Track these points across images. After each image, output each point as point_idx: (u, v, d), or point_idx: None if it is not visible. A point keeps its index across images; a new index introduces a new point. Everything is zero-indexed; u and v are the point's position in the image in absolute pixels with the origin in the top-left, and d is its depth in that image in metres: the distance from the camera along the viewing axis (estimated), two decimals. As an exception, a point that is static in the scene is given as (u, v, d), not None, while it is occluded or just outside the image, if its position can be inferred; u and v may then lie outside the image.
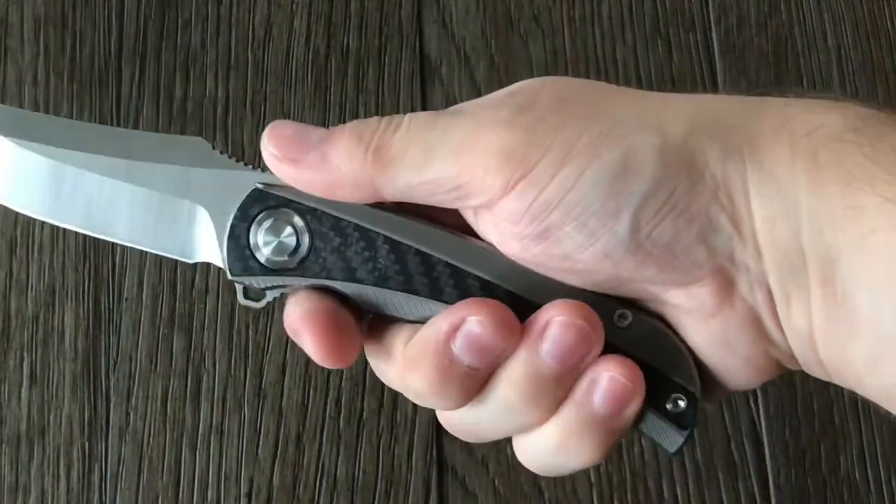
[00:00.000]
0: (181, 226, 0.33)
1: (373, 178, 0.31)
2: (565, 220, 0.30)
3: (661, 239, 0.30)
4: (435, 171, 0.31)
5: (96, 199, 0.33)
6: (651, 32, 0.71)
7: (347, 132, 0.32)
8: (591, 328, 0.31)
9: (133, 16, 0.69)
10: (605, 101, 0.32)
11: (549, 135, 0.30)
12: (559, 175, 0.30)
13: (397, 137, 0.31)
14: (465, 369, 0.31)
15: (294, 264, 0.32)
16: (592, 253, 0.30)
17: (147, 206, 0.33)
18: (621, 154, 0.30)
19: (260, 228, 0.32)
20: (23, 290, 0.65)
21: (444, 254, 0.32)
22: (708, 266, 0.30)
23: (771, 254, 0.30)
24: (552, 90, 0.32)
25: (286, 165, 0.32)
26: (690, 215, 0.30)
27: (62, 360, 0.63)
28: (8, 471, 0.62)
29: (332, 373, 0.64)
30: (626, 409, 0.31)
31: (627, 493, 0.62)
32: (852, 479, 0.63)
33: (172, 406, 0.63)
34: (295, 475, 0.62)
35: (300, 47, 0.69)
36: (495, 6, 0.71)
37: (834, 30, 0.71)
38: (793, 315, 0.30)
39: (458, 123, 0.32)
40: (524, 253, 0.31)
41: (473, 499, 0.62)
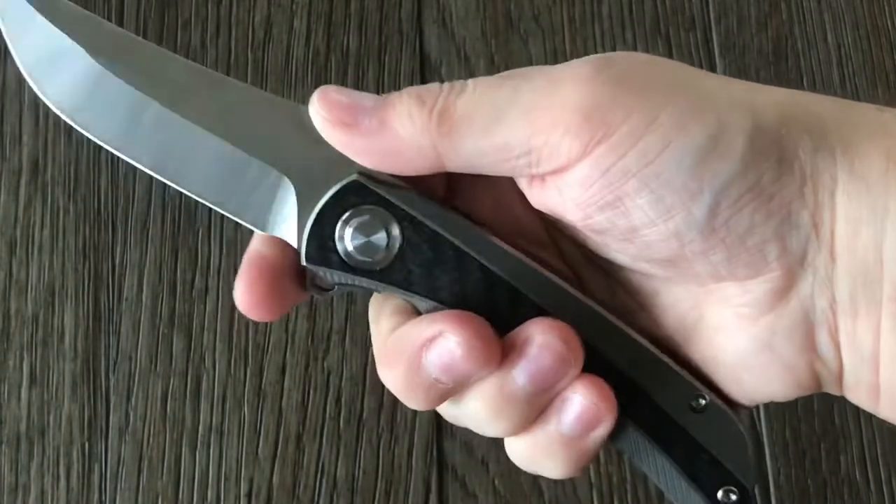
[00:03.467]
0: (261, 194, 0.30)
1: (436, 143, 0.29)
2: (641, 191, 0.28)
3: (736, 228, 0.28)
4: (505, 133, 0.28)
5: (175, 143, 0.30)
6: (651, 32, 0.71)
7: (406, 97, 0.29)
8: (571, 352, 0.29)
9: (133, 16, 0.69)
10: (691, 77, 0.30)
11: (634, 97, 0.28)
12: (641, 142, 0.28)
13: (463, 100, 0.29)
14: (431, 381, 0.30)
15: (377, 267, 0.30)
16: (662, 230, 0.28)
17: (229, 164, 0.30)
18: (711, 131, 0.28)
19: (350, 222, 0.30)
20: (23, 290, 0.65)
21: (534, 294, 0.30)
22: (776, 264, 0.29)
23: (847, 260, 0.28)
24: (635, 58, 0.30)
25: (339, 130, 0.29)
26: (771, 207, 0.28)
27: (62, 360, 0.63)
28: (8, 471, 0.62)
29: (332, 373, 0.64)
30: (594, 431, 0.30)
31: (627, 493, 0.62)
32: (852, 479, 0.63)
33: (172, 406, 0.63)
34: (295, 475, 0.62)
35: (300, 47, 0.69)
36: (495, 6, 0.70)
37: (834, 29, 0.71)
38: (858, 331, 0.29)
39: (530, 82, 0.29)
40: (586, 220, 0.29)
41: (473, 499, 0.62)
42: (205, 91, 0.31)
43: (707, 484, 0.31)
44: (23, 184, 0.66)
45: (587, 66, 0.29)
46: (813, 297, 0.29)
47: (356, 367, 0.63)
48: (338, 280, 0.31)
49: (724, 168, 0.28)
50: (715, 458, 0.31)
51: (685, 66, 0.30)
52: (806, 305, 0.29)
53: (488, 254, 0.30)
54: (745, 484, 0.31)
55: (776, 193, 0.28)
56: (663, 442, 0.31)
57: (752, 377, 0.31)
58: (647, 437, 0.31)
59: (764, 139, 0.28)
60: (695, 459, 0.31)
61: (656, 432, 0.31)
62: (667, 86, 0.28)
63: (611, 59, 0.29)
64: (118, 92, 0.31)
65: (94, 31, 0.31)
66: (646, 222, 0.28)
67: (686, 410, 0.31)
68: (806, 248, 0.29)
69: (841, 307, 0.29)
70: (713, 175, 0.28)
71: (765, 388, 0.31)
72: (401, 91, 0.30)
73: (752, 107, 0.28)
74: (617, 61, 0.29)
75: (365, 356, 0.64)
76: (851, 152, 0.28)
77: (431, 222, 0.30)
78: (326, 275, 0.30)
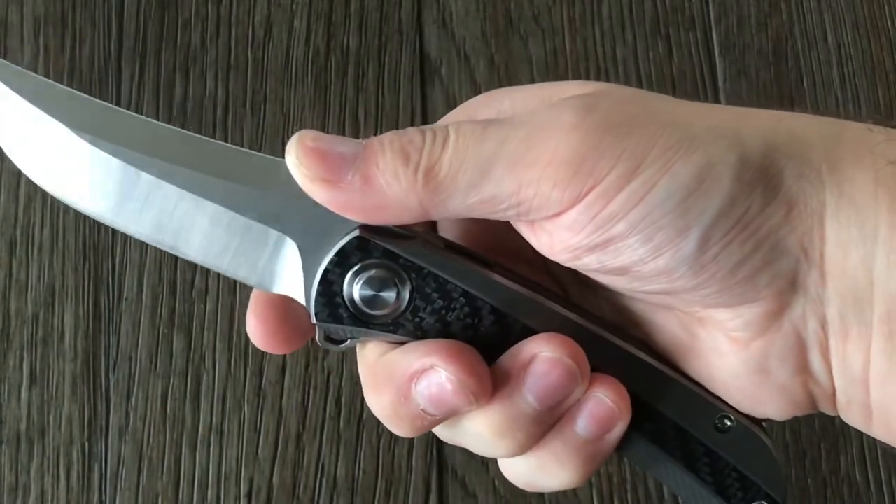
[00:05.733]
0: (264, 255, 0.30)
1: (423, 200, 0.28)
2: (629, 232, 0.28)
3: (726, 261, 0.28)
4: (491, 188, 0.28)
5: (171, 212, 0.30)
6: (651, 32, 0.71)
7: (389, 149, 0.29)
8: (579, 367, 0.29)
9: (133, 16, 0.69)
10: (672, 111, 0.29)
11: (620, 143, 0.28)
12: (628, 187, 0.28)
13: (448, 155, 0.28)
14: (419, 412, 0.29)
15: (388, 320, 0.30)
16: (651, 268, 0.28)
17: (229, 228, 0.30)
18: (696, 168, 0.28)
19: (357, 278, 0.29)
20: (23, 290, 0.65)
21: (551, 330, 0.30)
22: (766, 290, 0.28)
23: (837, 281, 0.28)
24: (614, 94, 0.30)
25: (320, 187, 0.29)
26: (759, 238, 0.28)
27: (62, 360, 0.63)
28: (8, 471, 0.62)
29: (332, 373, 0.64)
30: (610, 432, 0.30)
31: (627, 493, 0.62)
32: (852, 479, 0.63)
33: (172, 406, 0.63)
34: (295, 475, 0.62)
35: (300, 47, 0.69)
36: (495, 6, 0.70)
37: (834, 29, 0.71)
38: (848, 351, 0.28)
39: (513, 133, 0.28)
40: (574, 261, 0.29)
41: (473, 499, 0.62)
42: (194, 156, 0.30)
43: (739, 501, 0.31)
44: (23, 184, 0.66)
45: (570, 114, 0.28)
46: (805, 318, 0.29)
47: (356, 367, 0.63)
48: (351, 336, 0.30)
49: (711, 204, 0.28)
50: (744, 474, 0.31)
51: (666, 99, 0.30)
52: (798, 327, 0.29)
53: (498, 294, 0.30)
54: (776, 499, 0.31)
55: (764, 223, 0.28)
56: (687, 460, 0.31)
57: (746, 398, 0.30)
58: (671, 456, 0.31)
59: (750, 171, 0.28)
60: (723, 477, 0.31)
61: (680, 451, 0.31)
62: (650, 124, 0.28)
63: (593, 103, 0.29)
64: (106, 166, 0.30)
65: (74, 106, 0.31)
66: (635, 260, 0.28)
67: (710, 430, 0.30)
68: (796, 270, 0.28)
69: (832, 328, 0.29)
70: (700, 212, 0.28)
71: (760, 408, 0.31)
72: (381, 140, 0.29)
73: (737, 138, 0.28)
74: (599, 103, 0.29)
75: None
76: (839, 175, 0.28)
77: (439, 270, 0.30)
78: (339, 331, 0.30)
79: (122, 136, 0.30)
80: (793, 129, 0.29)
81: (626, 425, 0.30)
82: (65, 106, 0.31)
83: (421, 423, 0.30)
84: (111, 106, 0.31)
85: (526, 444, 0.30)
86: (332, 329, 0.30)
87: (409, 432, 0.30)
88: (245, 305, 0.64)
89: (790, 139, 0.29)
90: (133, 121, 0.31)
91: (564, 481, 0.30)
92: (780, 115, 0.30)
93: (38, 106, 0.31)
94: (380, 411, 0.30)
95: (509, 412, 0.29)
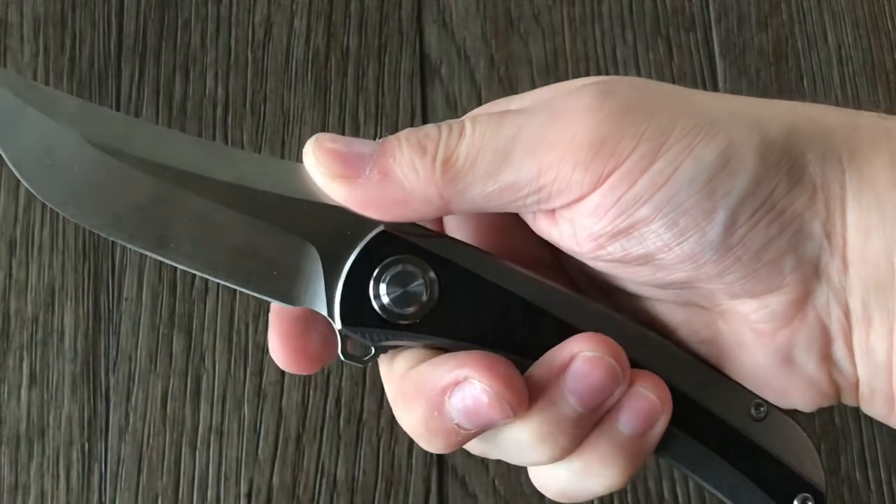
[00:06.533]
0: (282, 265, 0.29)
1: (442, 191, 0.28)
2: (653, 216, 0.27)
3: (752, 244, 0.28)
4: (511, 174, 0.28)
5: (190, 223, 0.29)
6: (651, 32, 0.71)
7: (405, 143, 0.28)
8: (620, 365, 0.28)
9: (133, 16, 0.69)
10: (689, 96, 0.29)
11: (640, 124, 0.27)
12: (652, 169, 0.27)
13: (465, 144, 0.28)
14: (453, 426, 0.29)
15: (417, 318, 0.29)
16: (676, 253, 0.28)
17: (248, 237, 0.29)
18: (719, 149, 0.27)
19: (384, 276, 0.29)
20: (22, 290, 0.64)
21: (583, 324, 0.29)
22: (791, 277, 0.28)
23: (859, 267, 0.28)
24: (629, 82, 0.30)
25: (338, 184, 0.28)
26: (785, 220, 0.28)
27: (62, 360, 0.63)
28: (8, 471, 0.62)
29: (332, 373, 0.64)
30: (653, 428, 0.29)
31: (627, 493, 0.62)
32: (852, 479, 0.63)
33: (172, 406, 0.63)
34: (295, 475, 0.62)
35: (300, 47, 0.69)
36: (495, 6, 0.70)
37: (834, 29, 0.71)
38: (871, 339, 0.28)
39: (531, 119, 0.28)
40: (598, 251, 0.29)
41: (473, 499, 0.62)
42: (210, 165, 0.29)
43: (781, 493, 0.30)
44: (23, 184, 0.66)
45: (588, 97, 0.28)
46: (828, 306, 0.28)
47: (356, 367, 0.63)
48: (375, 340, 0.29)
49: (737, 185, 0.27)
50: (785, 465, 0.30)
51: (681, 88, 0.30)
52: (822, 316, 0.29)
53: (528, 287, 0.29)
54: (819, 489, 0.30)
55: (789, 206, 0.28)
56: (728, 454, 0.30)
57: (772, 390, 0.30)
58: (710, 450, 0.30)
59: (773, 152, 0.28)
60: (764, 469, 0.30)
61: (718, 444, 0.30)
62: (670, 108, 0.28)
63: (610, 87, 0.29)
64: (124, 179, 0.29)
65: (89, 118, 0.30)
66: (660, 246, 0.28)
67: (746, 419, 0.30)
68: (819, 256, 0.28)
69: (854, 316, 0.28)
70: (725, 193, 0.27)
71: (786, 400, 0.30)
72: (398, 136, 0.29)
73: (758, 121, 0.28)
74: (617, 88, 0.29)
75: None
76: (859, 159, 0.28)
77: (467, 264, 0.29)
78: (366, 337, 0.29)
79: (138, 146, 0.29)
80: (812, 115, 0.29)
81: (668, 419, 0.29)
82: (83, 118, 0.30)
83: (455, 437, 0.29)
84: (120, 114, 0.30)
85: (568, 447, 0.29)
86: (357, 337, 0.29)
87: (443, 448, 0.29)
88: (245, 305, 0.64)
89: (810, 123, 0.29)
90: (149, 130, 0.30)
91: (608, 483, 0.30)
92: (795, 104, 0.30)
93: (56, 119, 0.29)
94: (411, 427, 0.29)
95: (550, 417, 0.29)
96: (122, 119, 0.30)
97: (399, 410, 0.30)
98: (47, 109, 0.30)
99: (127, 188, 0.29)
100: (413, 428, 0.29)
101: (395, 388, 0.30)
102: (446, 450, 0.29)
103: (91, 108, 0.30)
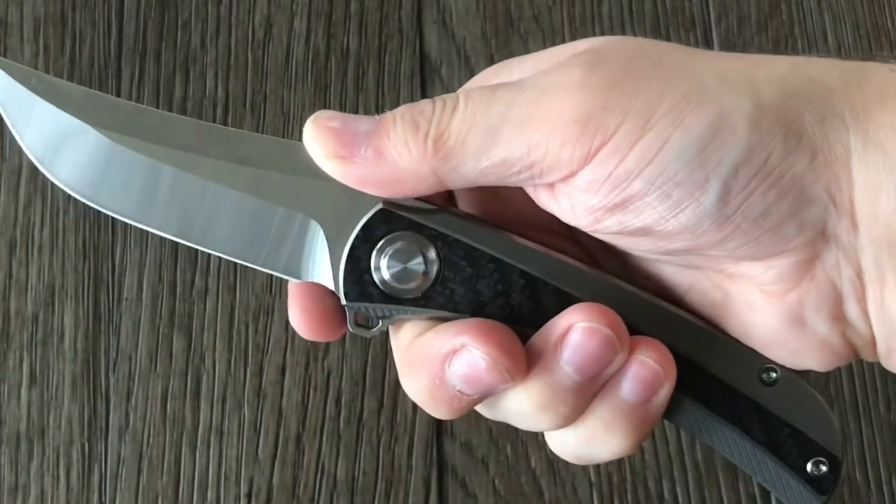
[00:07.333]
0: (289, 241, 0.30)
1: (435, 169, 0.28)
2: (647, 190, 0.27)
3: (750, 212, 0.28)
4: (502, 151, 0.28)
5: (196, 205, 0.30)
6: (651, 32, 0.71)
7: (400, 121, 0.29)
8: (616, 335, 0.29)
9: (133, 16, 0.69)
10: (682, 61, 0.29)
11: (627, 98, 0.27)
12: (640, 143, 0.27)
13: (456, 121, 0.28)
14: (455, 393, 0.29)
15: (419, 293, 0.30)
16: (674, 225, 0.28)
17: (253, 216, 0.30)
18: (709, 119, 0.27)
19: (384, 252, 0.29)
20: (22, 290, 0.64)
21: (583, 293, 0.30)
22: (796, 241, 0.28)
23: (869, 228, 0.28)
24: (621, 49, 0.29)
25: (335, 163, 0.29)
26: (783, 186, 0.27)
27: (62, 360, 0.63)
28: (8, 471, 0.62)
29: (332, 373, 0.64)
30: (656, 394, 0.29)
31: (627, 493, 0.62)
32: (852, 479, 0.63)
33: (172, 406, 0.63)
34: (295, 475, 0.62)
35: (300, 47, 0.69)
36: (495, 6, 0.70)
37: (834, 29, 0.71)
38: (886, 298, 0.28)
39: (521, 95, 0.28)
40: (596, 224, 0.29)
41: (473, 499, 0.62)
42: (215, 147, 0.30)
43: (794, 458, 0.30)
44: (23, 184, 0.66)
45: (576, 71, 0.28)
46: (839, 267, 0.28)
47: (356, 367, 0.63)
48: (380, 314, 0.30)
49: (729, 154, 0.27)
50: (797, 430, 0.30)
51: (676, 48, 0.30)
52: (832, 276, 0.28)
53: (527, 258, 0.30)
54: (833, 453, 0.30)
55: (786, 171, 0.27)
56: (737, 419, 0.30)
57: (785, 351, 0.30)
58: (720, 417, 0.30)
59: (766, 118, 0.27)
60: (776, 434, 0.30)
61: (728, 410, 0.30)
62: (659, 77, 0.28)
63: (598, 59, 0.28)
64: (131, 163, 0.30)
65: (97, 107, 0.31)
66: (657, 219, 0.28)
67: (757, 384, 0.30)
68: (825, 219, 0.28)
69: (867, 275, 0.28)
70: (717, 163, 0.27)
71: (800, 361, 0.30)
72: (394, 113, 0.29)
73: (751, 85, 0.28)
74: (605, 60, 0.28)
75: (365, 356, 0.64)
76: (864, 119, 0.27)
77: (466, 238, 0.30)
78: (369, 310, 0.30)
79: (145, 132, 0.30)
80: (811, 74, 0.28)
81: (672, 386, 0.29)
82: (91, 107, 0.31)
83: (458, 404, 0.30)
84: (121, 100, 0.32)
85: (570, 416, 0.29)
86: (363, 311, 0.30)
87: (448, 414, 0.30)
88: (245, 305, 0.64)
89: (809, 83, 0.28)
90: (154, 116, 0.31)
91: (615, 449, 0.30)
92: (795, 61, 0.29)
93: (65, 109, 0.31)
94: (416, 394, 0.30)
95: (549, 386, 0.29)
96: (129, 106, 0.31)
97: (404, 378, 0.30)
98: (59, 100, 0.31)
99: (137, 173, 0.30)
100: (418, 395, 0.30)
101: (401, 357, 0.31)
102: (452, 416, 0.30)
103: (94, 95, 0.31)
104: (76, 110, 0.31)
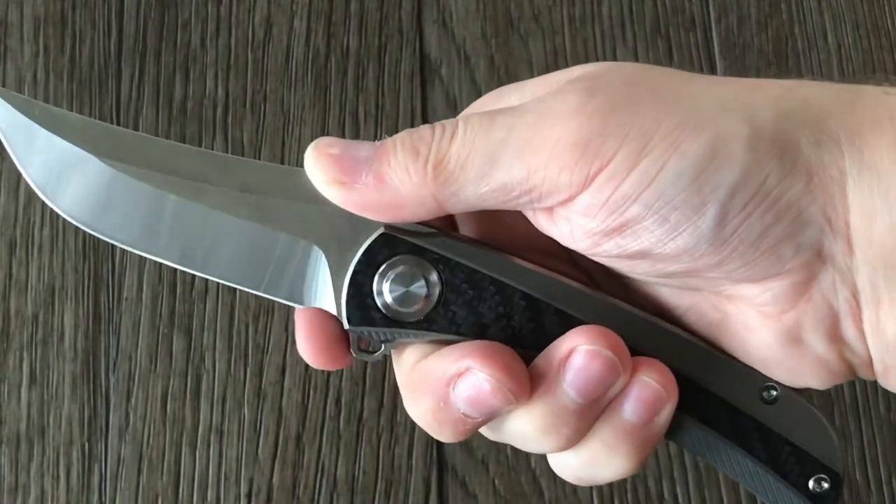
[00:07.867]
0: (292, 267, 0.30)
1: (435, 193, 0.29)
2: (645, 214, 0.28)
3: (748, 235, 0.28)
4: (501, 176, 0.28)
5: (199, 232, 0.30)
6: (651, 32, 0.71)
7: (400, 148, 0.29)
8: (619, 357, 0.29)
9: (133, 16, 0.69)
10: (678, 86, 0.29)
11: (625, 123, 0.28)
12: (638, 168, 0.28)
13: (455, 146, 0.29)
14: (459, 416, 0.29)
15: (421, 316, 0.30)
16: (672, 248, 0.28)
17: (256, 243, 0.30)
18: (705, 144, 0.27)
19: (386, 276, 0.30)
20: (22, 290, 0.65)
21: (584, 314, 0.30)
22: (792, 262, 0.28)
23: (865, 250, 0.28)
24: (618, 75, 0.30)
25: (336, 189, 0.29)
26: (780, 208, 0.28)
27: (62, 360, 0.63)
28: (8, 471, 0.62)
29: (332, 373, 0.64)
30: (658, 415, 0.29)
31: (627, 493, 0.62)
32: (852, 479, 0.63)
33: (172, 406, 0.63)
34: (295, 475, 0.62)
35: (300, 47, 0.69)
36: (495, 6, 0.70)
37: (834, 29, 0.71)
38: (881, 319, 0.28)
39: (520, 120, 0.29)
40: (594, 248, 0.29)
41: (473, 499, 0.62)
42: (216, 175, 0.31)
43: (796, 476, 0.30)
44: (23, 184, 0.66)
45: (573, 97, 0.28)
46: (835, 288, 0.29)
47: (356, 367, 0.63)
48: (383, 338, 0.30)
49: (726, 178, 0.27)
50: (799, 447, 0.30)
51: (671, 73, 0.30)
52: (829, 297, 0.29)
53: (528, 280, 0.30)
54: (835, 469, 0.30)
55: (783, 194, 0.28)
56: (740, 438, 0.31)
57: (783, 370, 0.30)
58: (722, 436, 0.31)
59: (763, 142, 0.28)
60: (777, 452, 0.31)
61: (729, 429, 0.31)
62: (656, 102, 0.28)
63: (596, 84, 0.29)
64: (133, 192, 0.30)
65: (99, 136, 0.31)
66: (655, 242, 0.28)
67: (757, 402, 0.30)
68: (821, 241, 0.28)
69: (863, 296, 0.28)
70: (714, 187, 0.28)
71: (799, 379, 0.30)
72: (394, 139, 0.30)
73: (747, 109, 0.28)
74: (602, 85, 0.29)
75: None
76: (859, 142, 0.28)
77: (467, 261, 0.30)
78: (371, 334, 0.30)
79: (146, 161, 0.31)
80: (806, 97, 0.29)
81: (674, 406, 0.29)
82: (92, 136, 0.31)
83: (463, 426, 0.30)
84: (123, 129, 0.32)
85: (573, 438, 0.30)
86: (366, 335, 0.30)
87: (453, 437, 0.30)
88: (245, 305, 0.64)
89: (804, 107, 0.28)
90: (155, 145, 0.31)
91: (618, 470, 0.30)
92: (791, 84, 0.30)
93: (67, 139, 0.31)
94: (420, 418, 0.30)
95: (552, 408, 0.29)
96: (130, 135, 0.32)
97: (408, 402, 0.30)
98: (60, 129, 0.31)
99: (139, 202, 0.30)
100: (422, 418, 0.30)
101: (405, 381, 0.31)
102: (456, 439, 0.30)
103: (96, 124, 0.32)
104: (78, 140, 0.31)
